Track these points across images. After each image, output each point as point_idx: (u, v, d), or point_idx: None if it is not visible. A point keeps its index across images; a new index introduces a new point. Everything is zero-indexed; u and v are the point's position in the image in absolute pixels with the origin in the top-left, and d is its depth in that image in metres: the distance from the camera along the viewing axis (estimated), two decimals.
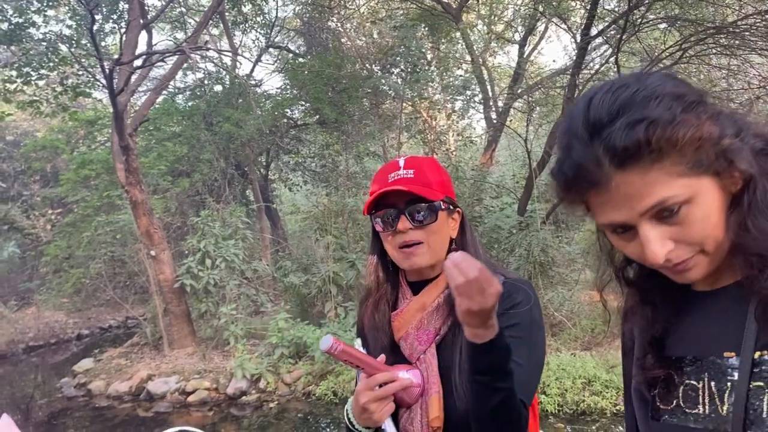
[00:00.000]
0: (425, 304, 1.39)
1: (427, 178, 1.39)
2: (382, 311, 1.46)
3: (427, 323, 1.38)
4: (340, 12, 13.50)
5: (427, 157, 1.54)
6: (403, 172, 1.39)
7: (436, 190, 1.38)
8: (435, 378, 1.32)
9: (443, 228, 1.40)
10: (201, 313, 8.71)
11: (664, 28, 8.05)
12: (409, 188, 1.33)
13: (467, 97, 11.68)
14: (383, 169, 1.45)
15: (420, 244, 1.36)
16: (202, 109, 11.33)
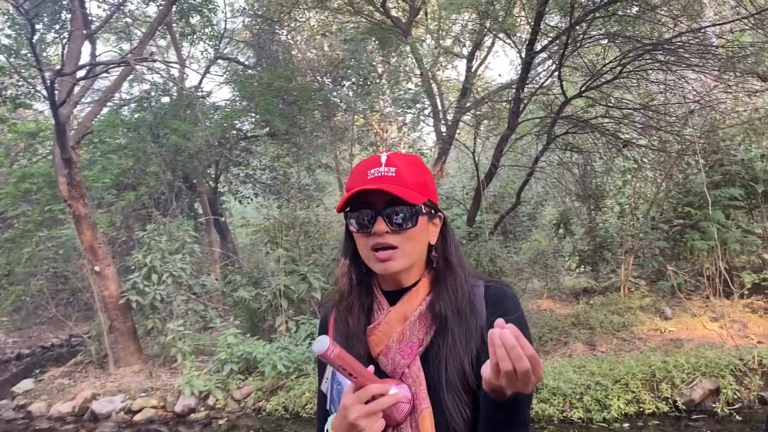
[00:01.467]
0: (406, 314, 1.28)
1: (410, 178, 1.28)
2: (356, 317, 1.33)
3: (410, 335, 1.27)
4: (290, 25, 13.49)
5: (410, 154, 1.37)
6: (384, 170, 1.28)
7: (417, 193, 1.27)
8: (424, 393, 1.23)
9: (422, 233, 1.29)
10: (147, 330, 8.51)
11: (605, 44, 8.33)
12: (389, 189, 1.22)
13: (417, 110, 11.81)
14: (363, 163, 1.32)
15: (395, 249, 1.25)
16: (148, 121, 11.12)
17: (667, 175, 9.04)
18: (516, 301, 1.31)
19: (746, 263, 8.68)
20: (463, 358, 1.23)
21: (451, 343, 1.24)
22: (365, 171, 1.29)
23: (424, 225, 1.29)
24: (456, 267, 1.32)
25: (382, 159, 1.29)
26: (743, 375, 5.85)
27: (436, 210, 1.34)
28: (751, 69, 7.70)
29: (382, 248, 1.25)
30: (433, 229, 1.33)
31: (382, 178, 1.26)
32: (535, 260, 9.94)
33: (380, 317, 1.30)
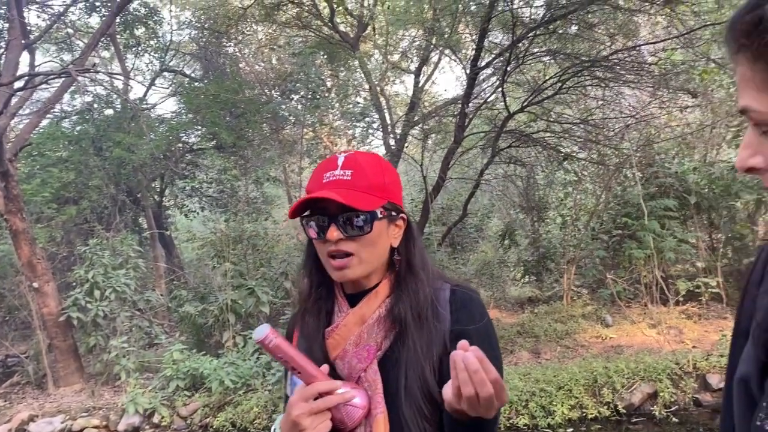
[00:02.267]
0: (364, 316, 1.25)
1: (367, 180, 1.22)
2: (316, 319, 1.31)
3: (367, 338, 1.23)
4: (238, 37, 13.42)
5: (371, 153, 1.32)
6: (340, 173, 1.23)
7: (374, 196, 1.22)
8: (380, 398, 1.19)
9: (380, 238, 1.24)
10: (89, 348, 8.25)
11: (546, 61, 8.61)
12: (336, 198, 1.17)
13: (366, 123, 11.89)
14: (322, 165, 1.28)
15: (351, 256, 1.21)
16: (90, 134, 10.85)
17: (605, 188, 9.37)
18: (482, 307, 1.28)
19: (681, 272, 9.05)
20: (423, 365, 1.20)
21: (411, 350, 1.21)
22: (322, 174, 1.25)
23: (383, 229, 1.24)
24: (418, 270, 1.28)
25: (339, 161, 1.25)
26: (679, 378, 6.09)
27: (399, 211, 1.29)
28: (682, 86, 8.10)
29: (338, 255, 1.22)
30: (395, 231, 1.29)
31: (337, 182, 1.22)
32: (481, 271, 10.12)
33: (338, 320, 1.27)
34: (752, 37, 0.66)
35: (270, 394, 6.70)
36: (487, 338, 1.23)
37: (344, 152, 1.28)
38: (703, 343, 6.96)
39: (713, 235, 9.20)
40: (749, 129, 0.73)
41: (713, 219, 9.06)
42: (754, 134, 0.72)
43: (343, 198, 1.17)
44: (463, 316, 1.24)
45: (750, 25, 0.66)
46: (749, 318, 0.86)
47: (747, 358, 0.82)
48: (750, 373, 0.80)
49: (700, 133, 9.32)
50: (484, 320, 1.25)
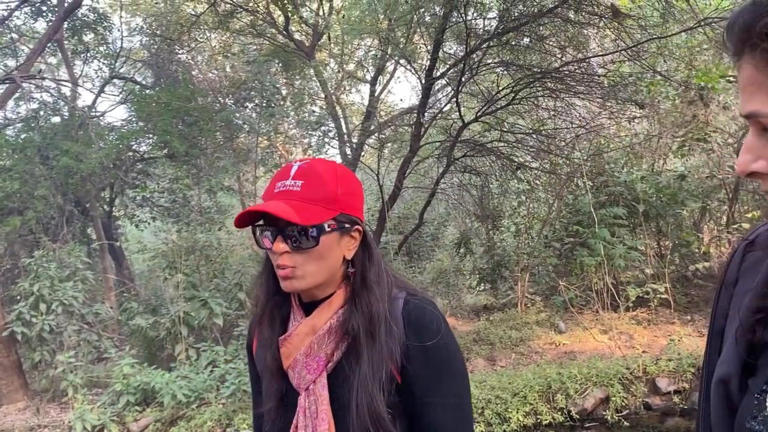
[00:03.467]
0: (315, 326, 1.23)
1: (318, 192, 1.19)
2: (270, 328, 1.30)
3: (318, 349, 1.22)
4: (190, 45, 13.23)
5: (330, 162, 1.29)
6: (291, 183, 1.20)
7: (325, 208, 1.19)
8: (325, 414, 1.18)
9: (330, 251, 1.21)
10: (34, 363, 7.95)
11: (499, 72, 8.75)
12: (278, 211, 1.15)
13: (322, 132, 11.87)
14: (278, 173, 1.25)
15: (294, 268, 1.19)
16: (36, 142, 10.50)
17: (557, 196, 9.55)
18: (437, 319, 1.24)
19: (630, 278, 9.27)
20: (372, 383, 1.18)
21: (365, 364, 1.19)
22: (275, 183, 1.23)
23: (333, 242, 1.21)
24: (372, 285, 1.25)
25: (292, 170, 1.23)
26: (630, 383, 6.23)
27: (354, 222, 1.25)
28: (630, 97, 8.33)
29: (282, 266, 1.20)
30: (349, 243, 1.26)
31: (287, 193, 1.20)
32: (438, 279, 10.18)
33: (291, 329, 1.26)
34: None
35: (224, 407, 6.58)
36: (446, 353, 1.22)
37: (302, 160, 1.25)
38: (653, 348, 7.13)
39: (661, 242, 9.47)
40: (750, 133, 0.72)
41: (661, 227, 9.33)
42: (756, 138, 0.72)
43: (284, 213, 1.15)
44: (418, 331, 1.21)
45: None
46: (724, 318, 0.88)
47: (727, 359, 0.83)
48: (730, 373, 0.80)
49: (647, 143, 9.60)
50: (439, 334, 1.21)
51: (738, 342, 0.81)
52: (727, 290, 0.89)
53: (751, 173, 0.73)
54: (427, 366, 1.20)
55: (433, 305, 1.28)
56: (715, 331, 0.90)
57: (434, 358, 1.20)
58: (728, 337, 0.84)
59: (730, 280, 0.89)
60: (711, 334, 0.91)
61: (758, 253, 0.86)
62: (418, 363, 1.20)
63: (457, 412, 1.21)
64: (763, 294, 0.79)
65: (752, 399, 0.76)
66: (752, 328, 0.78)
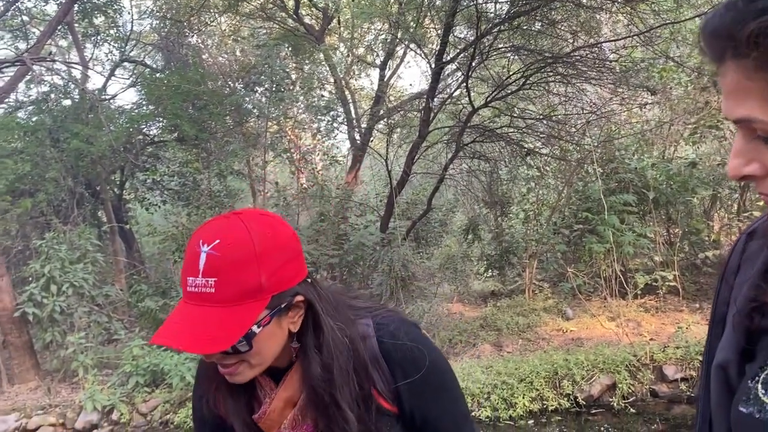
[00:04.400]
0: (292, 398, 1.14)
1: (235, 288, 1.00)
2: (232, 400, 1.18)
3: (302, 419, 1.15)
4: (200, 28, 13.21)
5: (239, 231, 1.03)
6: (202, 282, 1.00)
7: (252, 301, 1.01)
8: None
9: (268, 340, 1.06)
10: (46, 344, 8.05)
11: (510, 56, 8.68)
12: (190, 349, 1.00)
13: (331, 117, 11.84)
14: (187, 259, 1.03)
15: (238, 364, 1.06)
16: (47, 125, 10.54)
17: (567, 183, 9.51)
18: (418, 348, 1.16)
19: (639, 265, 9.24)
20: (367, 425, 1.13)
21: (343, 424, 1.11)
22: (186, 276, 1.02)
23: (270, 330, 1.06)
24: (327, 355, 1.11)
25: (200, 263, 1.00)
26: (637, 370, 6.23)
27: (292, 296, 1.07)
28: (642, 83, 8.25)
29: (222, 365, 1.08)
30: (293, 317, 1.10)
31: (200, 296, 1.00)
32: (445, 265, 10.18)
33: (265, 406, 1.15)
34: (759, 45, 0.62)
35: None
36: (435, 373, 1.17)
37: (207, 242, 1.01)
38: (660, 336, 7.12)
39: (670, 229, 9.42)
40: (739, 137, 0.71)
41: (671, 214, 9.27)
42: (744, 142, 0.71)
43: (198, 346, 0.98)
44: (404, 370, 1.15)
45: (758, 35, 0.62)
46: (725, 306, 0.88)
47: (726, 345, 0.84)
48: (729, 359, 0.82)
49: (658, 130, 9.52)
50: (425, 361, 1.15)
51: (735, 329, 0.82)
52: (729, 279, 0.89)
53: (744, 176, 0.72)
54: (421, 396, 1.16)
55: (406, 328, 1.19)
56: (717, 318, 0.90)
57: (426, 388, 1.16)
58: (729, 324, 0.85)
59: (732, 269, 0.89)
60: (713, 322, 0.92)
61: (758, 242, 0.86)
62: (412, 397, 1.16)
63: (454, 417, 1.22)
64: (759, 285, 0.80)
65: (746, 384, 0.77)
66: (749, 316, 0.79)
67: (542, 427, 5.82)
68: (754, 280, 0.81)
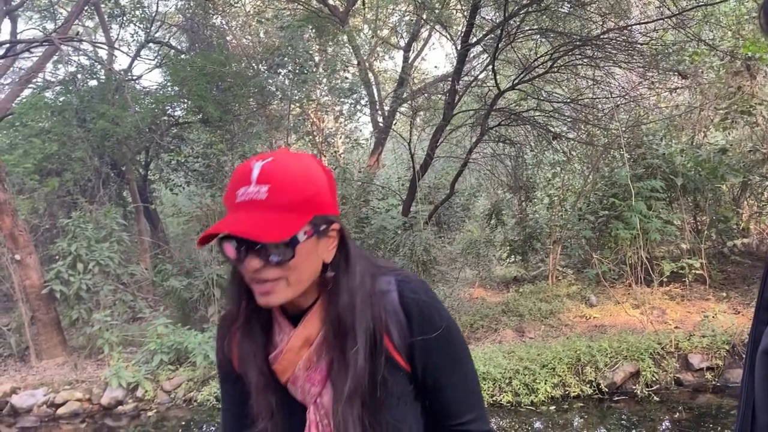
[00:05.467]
0: (309, 338, 1.15)
1: (287, 196, 1.05)
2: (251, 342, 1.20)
3: (317, 360, 1.15)
4: (225, 9, 13.20)
5: (294, 156, 1.12)
6: (254, 190, 1.05)
7: (297, 214, 1.06)
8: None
9: (309, 257, 1.10)
10: (72, 321, 8.19)
11: (537, 39, 8.54)
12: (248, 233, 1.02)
13: (354, 99, 11.80)
14: (236, 176, 1.10)
15: (276, 281, 1.08)
16: (74, 105, 10.66)
17: (594, 168, 9.38)
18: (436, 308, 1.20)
19: (665, 253, 9.11)
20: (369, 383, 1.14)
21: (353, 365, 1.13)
22: (235, 189, 1.08)
23: (311, 248, 1.10)
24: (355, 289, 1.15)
25: (253, 173, 1.06)
26: (661, 358, 6.16)
27: (330, 222, 1.13)
28: (672, 67, 8.08)
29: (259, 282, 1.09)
30: (328, 244, 1.14)
31: (252, 203, 1.05)
32: (467, 250, 10.12)
33: (282, 344, 1.17)
34: None
35: None
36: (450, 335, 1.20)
37: (261, 159, 1.09)
38: (686, 324, 7.03)
39: (698, 217, 9.27)
40: None
41: (698, 201, 9.11)
42: None
43: (252, 232, 1.02)
44: (421, 325, 1.17)
45: None
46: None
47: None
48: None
49: (688, 115, 9.34)
50: (442, 321, 1.18)
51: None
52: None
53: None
54: (434, 355, 1.18)
55: (425, 288, 1.22)
56: (763, 304, 0.88)
57: (440, 346, 1.19)
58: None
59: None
60: (759, 308, 0.89)
61: None
62: (425, 354, 1.18)
63: (465, 386, 1.24)
64: None
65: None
66: None
67: (564, 413, 5.79)
68: None
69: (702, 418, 5.57)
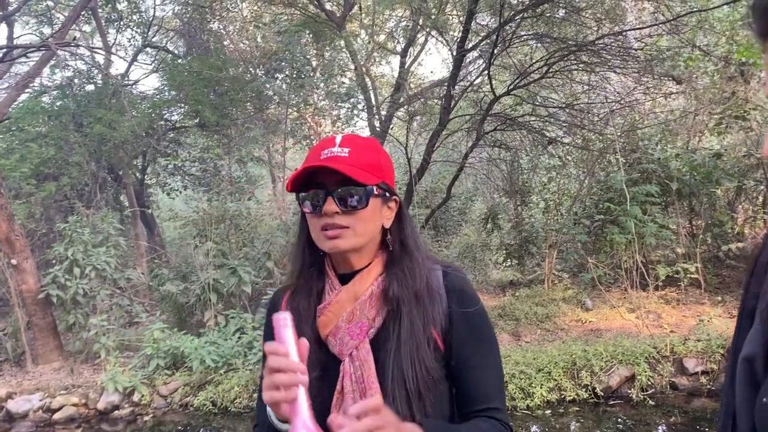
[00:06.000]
0: (357, 293, 1.26)
1: (363, 159, 1.26)
2: (307, 299, 1.31)
3: (360, 315, 1.25)
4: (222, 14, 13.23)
5: (367, 137, 1.39)
6: (338, 150, 1.25)
7: (371, 174, 1.25)
8: (373, 378, 1.21)
9: (375, 215, 1.27)
10: (69, 326, 8.18)
11: (533, 44, 8.58)
12: (339, 168, 1.19)
13: (351, 104, 11.82)
14: (318, 145, 1.30)
15: (346, 228, 1.23)
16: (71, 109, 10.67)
17: (589, 173, 9.41)
18: (473, 290, 1.34)
19: (661, 257, 9.13)
20: (419, 343, 1.22)
21: (407, 328, 1.23)
22: (319, 151, 1.27)
23: (377, 207, 1.27)
24: (413, 250, 1.31)
25: (337, 139, 1.28)
26: (656, 362, 6.18)
27: (392, 193, 1.32)
28: (667, 72, 8.11)
29: (332, 227, 1.23)
30: (387, 213, 1.31)
31: (335, 158, 1.23)
32: (464, 254, 10.16)
33: (331, 297, 1.28)
34: None
35: (251, 373, 6.70)
36: (485, 319, 1.31)
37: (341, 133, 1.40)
38: (681, 328, 7.05)
39: (693, 221, 9.30)
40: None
41: (694, 205, 9.15)
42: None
43: (344, 169, 1.20)
44: (460, 299, 1.29)
45: None
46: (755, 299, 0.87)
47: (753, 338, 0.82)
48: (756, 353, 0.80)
49: (683, 120, 9.38)
50: (477, 306, 1.30)
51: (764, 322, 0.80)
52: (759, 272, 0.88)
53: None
54: (469, 332, 1.27)
55: (466, 276, 1.36)
56: (745, 311, 0.89)
57: (476, 324, 1.28)
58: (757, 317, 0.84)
59: (763, 262, 0.88)
60: (741, 314, 0.90)
61: None
62: (461, 329, 1.27)
63: (495, 372, 1.30)
64: None
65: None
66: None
67: (559, 417, 5.80)
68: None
69: (697, 422, 5.59)
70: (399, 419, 1.08)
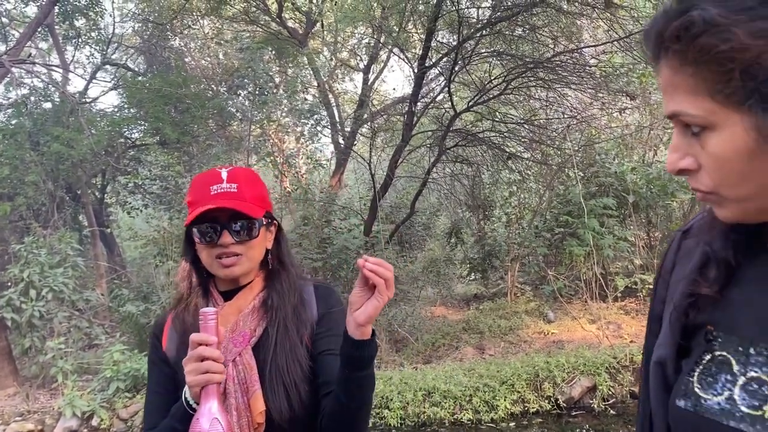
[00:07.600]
0: (240, 307, 1.45)
1: (251, 193, 1.44)
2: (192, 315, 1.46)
3: (243, 325, 1.42)
4: (183, 31, 13.15)
5: (248, 169, 1.55)
6: (227, 186, 1.42)
7: (258, 207, 1.44)
8: (255, 377, 1.37)
9: (262, 242, 1.47)
10: (24, 350, 7.94)
11: (492, 61, 8.73)
12: (235, 207, 1.38)
13: (315, 121, 11.84)
14: (203, 179, 1.46)
15: (239, 256, 1.42)
16: (27, 128, 10.43)
17: (548, 187, 9.58)
18: (339, 297, 1.56)
19: (619, 268, 9.33)
20: (294, 346, 1.41)
21: (283, 332, 1.42)
22: (207, 186, 1.42)
23: (263, 234, 1.47)
24: (289, 267, 1.54)
25: (223, 175, 1.43)
26: (617, 372, 6.29)
27: (272, 218, 1.52)
28: (622, 88, 8.34)
29: (227, 255, 1.41)
30: (269, 236, 1.52)
31: (226, 194, 1.41)
32: (429, 268, 10.21)
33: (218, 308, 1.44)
34: (681, 42, 0.69)
35: None
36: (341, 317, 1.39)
37: (224, 167, 1.48)
38: (641, 338, 7.14)
39: (651, 233, 9.53)
40: (675, 133, 0.76)
41: (650, 217, 9.38)
42: (681, 137, 0.75)
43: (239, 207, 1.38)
44: (327, 303, 1.52)
45: (679, 30, 0.68)
46: (662, 303, 0.92)
47: (663, 342, 0.87)
48: (666, 356, 0.85)
49: (638, 135, 9.64)
50: (341, 306, 1.50)
51: (672, 325, 0.85)
52: (665, 277, 0.93)
53: (680, 170, 0.76)
54: (329, 326, 1.47)
55: (334, 288, 1.60)
56: (654, 316, 0.94)
57: (335, 319, 1.47)
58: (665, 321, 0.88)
59: (668, 267, 0.93)
60: (651, 320, 0.96)
61: (692, 240, 0.90)
62: (324, 325, 1.47)
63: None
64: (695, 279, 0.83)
65: (683, 378, 0.81)
66: (685, 312, 0.83)
67: (523, 430, 5.85)
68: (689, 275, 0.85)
69: None
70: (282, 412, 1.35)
